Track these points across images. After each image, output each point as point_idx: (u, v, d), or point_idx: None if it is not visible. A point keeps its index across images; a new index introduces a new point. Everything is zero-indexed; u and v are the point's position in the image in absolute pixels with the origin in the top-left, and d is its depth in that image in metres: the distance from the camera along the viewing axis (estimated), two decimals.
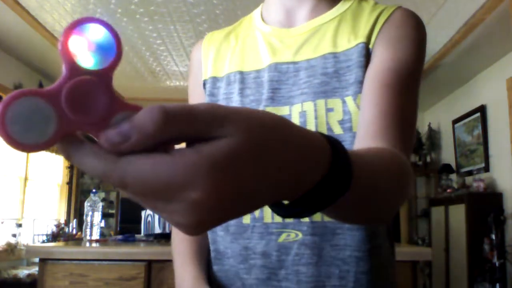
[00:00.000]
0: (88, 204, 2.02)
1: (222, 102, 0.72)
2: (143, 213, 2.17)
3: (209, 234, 0.73)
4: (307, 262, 0.63)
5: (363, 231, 0.63)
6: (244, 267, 0.66)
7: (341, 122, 0.64)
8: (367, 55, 0.65)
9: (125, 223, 5.82)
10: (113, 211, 5.62)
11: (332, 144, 0.35)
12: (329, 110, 0.65)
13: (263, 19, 0.76)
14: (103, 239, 2.13)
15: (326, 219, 0.63)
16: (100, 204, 2.06)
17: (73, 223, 4.79)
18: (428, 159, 5.74)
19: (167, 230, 2.07)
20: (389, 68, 0.63)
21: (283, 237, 0.64)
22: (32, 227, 4.56)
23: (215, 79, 0.75)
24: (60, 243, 1.90)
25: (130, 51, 4.06)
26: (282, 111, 0.67)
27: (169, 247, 1.73)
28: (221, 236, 0.70)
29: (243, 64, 0.73)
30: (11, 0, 3.09)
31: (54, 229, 4.52)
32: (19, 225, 4.29)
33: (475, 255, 3.92)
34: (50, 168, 5.21)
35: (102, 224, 4.62)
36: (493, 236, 3.73)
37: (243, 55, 0.74)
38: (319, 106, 0.65)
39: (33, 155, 4.69)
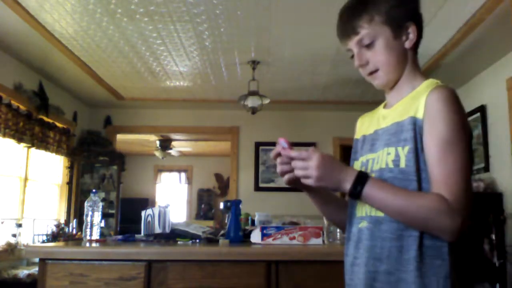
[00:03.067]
0: (88, 204, 2.02)
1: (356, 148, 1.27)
2: (143, 213, 2.18)
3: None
4: (366, 237, 1.07)
5: (396, 223, 1.02)
6: (348, 238, 1.16)
7: (393, 161, 1.05)
8: (413, 123, 1.04)
9: (125, 223, 5.83)
10: (113, 211, 5.62)
11: (360, 171, 1.03)
12: (388, 154, 1.07)
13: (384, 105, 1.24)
14: (103, 239, 2.13)
15: (378, 214, 1.05)
16: (100, 204, 2.06)
17: (73, 223, 4.79)
18: None
19: (167, 230, 2.07)
20: (429, 143, 1.01)
21: (361, 224, 1.10)
22: (32, 227, 4.56)
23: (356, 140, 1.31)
24: (60, 243, 1.90)
25: (130, 51, 4.06)
26: (376, 154, 1.12)
27: (169, 247, 1.73)
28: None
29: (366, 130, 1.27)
30: (11, 0, 3.09)
31: (54, 229, 4.51)
32: (19, 225, 4.28)
33: (475, 255, 3.92)
34: (50, 168, 5.21)
35: (102, 224, 4.62)
36: (493, 236, 3.73)
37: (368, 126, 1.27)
38: (384, 152, 1.08)
39: (33, 155, 4.69)
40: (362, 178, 1.01)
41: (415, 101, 1.05)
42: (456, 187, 0.96)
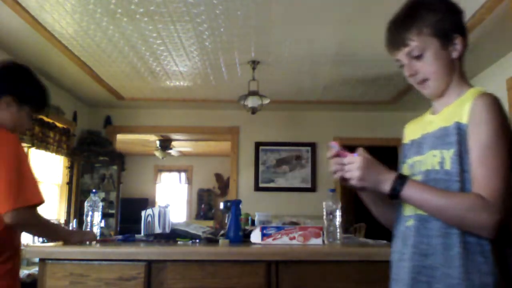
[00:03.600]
0: (88, 204, 2.02)
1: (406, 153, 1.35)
2: (143, 213, 2.17)
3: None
4: (413, 234, 1.15)
5: (441, 222, 1.09)
6: (395, 235, 1.25)
7: (439, 163, 1.14)
8: (458, 128, 1.12)
9: (125, 223, 5.83)
10: (113, 211, 5.62)
11: (400, 173, 1.14)
12: (434, 156, 1.16)
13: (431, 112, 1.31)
14: (103, 239, 2.13)
15: (423, 213, 1.13)
16: (100, 204, 2.06)
17: (73, 223, 4.79)
18: None
19: (167, 230, 2.07)
20: (472, 147, 1.08)
21: (408, 222, 1.18)
22: None
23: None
24: (60, 243, 1.90)
25: (130, 51, 4.06)
26: (423, 156, 1.20)
27: (169, 247, 1.73)
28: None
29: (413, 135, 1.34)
30: (11, 0, 3.09)
31: None
32: None
33: None
34: (50, 168, 5.21)
35: (102, 224, 4.61)
36: None
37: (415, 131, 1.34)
38: (430, 154, 1.17)
39: (33, 156, 4.69)
40: (401, 179, 1.11)
41: (460, 108, 1.13)
42: (494, 186, 1.03)
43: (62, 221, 5.14)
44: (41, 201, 1.62)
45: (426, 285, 1.10)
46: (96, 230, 2.03)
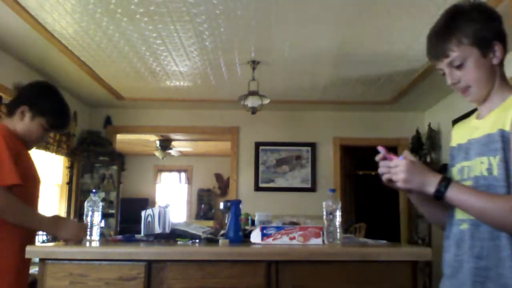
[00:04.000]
0: (88, 204, 2.02)
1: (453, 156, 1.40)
2: (143, 213, 2.18)
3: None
4: (467, 237, 1.22)
5: (488, 227, 1.16)
6: (448, 236, 1.32)
7: (487, 169, 1.19)
8: (501, 135, 1.17)
9: (125, 223, 5.83)
10: (113, 211, 5.62)
11: (444, 175, 1.20)
12: (482, 163, 1.21)
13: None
14: (114, 238, 2.14)
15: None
16: (100, 204, 2.06)
17: None
18: (428, 159, 5.74)
19: (167, 230, 2.07)
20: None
21: (462, 226, 1.25)
22: None
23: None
24: (60, 243, 1.90)
25: (130, 51, 4.06)
26: (470, 162, 1.26)
27: (169, 247, 1.73)
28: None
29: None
30: (11, 0, 3.09)
31: None
32: None
33: None
34: (50, 168, 5.21)
35: (102, 224, 4.61)
36: None
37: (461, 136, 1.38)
38: (478, 161, 1.22)
39: (33, 156, 4.68)
40: (445, 181, 1.18)
41: (504, 114, 1.19)
42: None
43: None
44: (12, 183, 1.71)
45: (480, 285, 1.17)
46: (96, 230, 2.02)
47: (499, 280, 1.13)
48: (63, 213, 5.34)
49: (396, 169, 1.21)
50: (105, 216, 5.38)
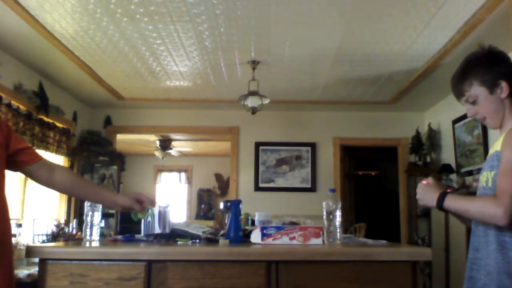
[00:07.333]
0: (88, 204, 2.02)
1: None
2: None
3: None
4: (472, 235, 1.55)
5: (483, 225, 1.48)
6: (472, 242, 1.57)
7: (485, 181, 1.51)
8: (496, 155, 1.47)
9: (125, 223, 5.82)
10: (113, 211, 5.62)
11: (441, 192, 1.52)
12: (484, 176, 1.53)
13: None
14: (114, 238, 2.13)
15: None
16: (100, 204, 2.06)
17: (73, 223, 4.79)
18: (428, 159, 5.74)
19: (167, 230, 2.07)
20: (500, 167, 1.43)
21: (472, 226, 1.55)
22: (32, 227, 4.56)
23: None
24: (60, 243, 1.90)
25: (130, 51, 4.06)
26: (481, 176, 1.57)
27: (169, 247, 1.73)
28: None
29: None
30: (11, 0, 3.09)
31: (54, 229, 4.51)
32: (19, 225, 4.28)
33: None
34: None
35: (102, 224, 4.61)
36: None
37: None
38: (484, 174, 1.54)
39: None
40: (442, 195, 1.50)
41: (500, 139, 1.50)
42: (504, 191, 1.36)
43: (62, 221, 5.13)
44: None
45: (475, 272, 1.50)
46: (96, 230, 2.02)
47: (486, 268, 1.45)
48: (63, 213, 5.34)
49: (417, 190, 1.58)
50: (105, 216, 5.39)
